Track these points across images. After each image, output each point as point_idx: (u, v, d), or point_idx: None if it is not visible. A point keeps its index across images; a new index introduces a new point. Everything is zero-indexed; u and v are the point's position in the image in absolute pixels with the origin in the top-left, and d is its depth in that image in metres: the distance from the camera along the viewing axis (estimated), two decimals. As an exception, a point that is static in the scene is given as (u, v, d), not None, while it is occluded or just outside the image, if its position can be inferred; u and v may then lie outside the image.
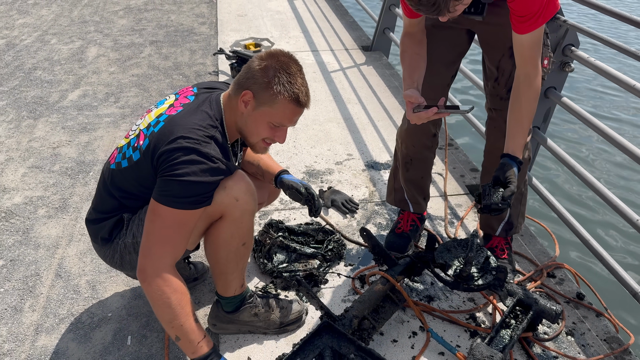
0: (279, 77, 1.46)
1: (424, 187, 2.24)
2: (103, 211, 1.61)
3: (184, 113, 1.49)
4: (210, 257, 1.65)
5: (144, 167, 1.48)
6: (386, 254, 1.93)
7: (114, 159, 1.59)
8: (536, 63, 1.64)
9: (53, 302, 2.01)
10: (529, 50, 1.61)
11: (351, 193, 2.64)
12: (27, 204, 2.56)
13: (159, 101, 1.65)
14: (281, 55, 1.51)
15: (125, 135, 1.65)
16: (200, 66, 4.28)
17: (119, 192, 1.56)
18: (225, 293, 1.73)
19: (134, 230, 1.58)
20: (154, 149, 1.44)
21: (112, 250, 1.63)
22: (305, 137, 3.17)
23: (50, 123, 3.33)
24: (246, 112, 1.51)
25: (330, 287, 2.05)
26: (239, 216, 1.55)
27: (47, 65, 4.26)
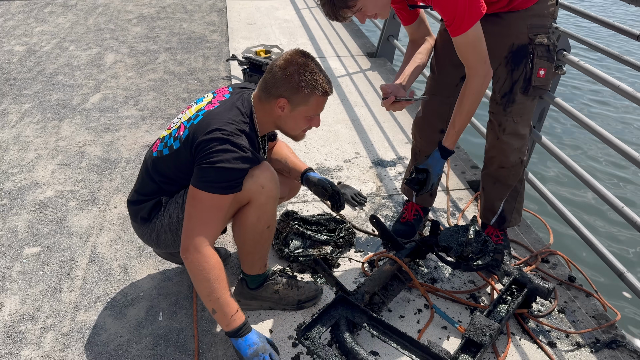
0: (304, 80, 1.64)
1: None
2: (144, 194, 1.81)
3: (220, 109, 1.69)
4: (238, 239, 1.84)
5: (183, 155, 1.68)
6: (394, 238, 2.12)
7: (156, 147, 1.80)
8: (472, 65, 1.78)
9: (89, 284, 2.20)
10: (463, 52, 1.77)
11: (359, 188, 2.83)
12: (58, 197, 2.76)
13: (198, 98, 1.85)
14: (297, 57, 1.67)
15: (167, 127, 1.85)
16: (213, 71, 4.49)
17: (160, 176, 1.76)
18: (250, 271, 1.92)
19: (170, 211, 1.77)
20: (192, 139, 1.64)
21: (149, 229, 1.82)
22: (315, 137, 3.37)
23: (75, 124, 3.54)
24: (284, 114, 1.71)
25: (342, 271, 2.24)
26: (264, 202, 1.73)
27: (67, 70, 4.47)
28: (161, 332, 1.97)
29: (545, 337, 1.94)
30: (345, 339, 1.64)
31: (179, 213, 1.74)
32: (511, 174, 2.15)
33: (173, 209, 1.76)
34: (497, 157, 2.12)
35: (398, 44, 4.67)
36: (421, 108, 2.23)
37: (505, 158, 2.10)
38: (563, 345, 1.91)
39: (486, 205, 2.31)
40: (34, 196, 2.75)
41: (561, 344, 1.92)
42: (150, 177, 1.79)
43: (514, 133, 2.04)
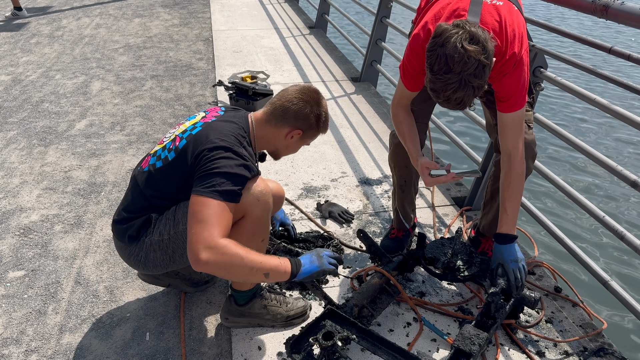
0: (322, 121, 1.85)
1: (414, 201, 2.42)
2: (133, 211, 1.79)
3: (218, 122, 1.75)
4: None
5: (180, 165, 1.69)
6: (381, 252, 2.14)
7: (147, 163, 1.80)
8: (514, 144, 1.79)
9: (74, 306, 2.17)
10: (510, 130, 1.79)
11: (347, 206, 2.85)
12: (43, 221, 2.74)
13: (190, 116, 1.88)
14: (321, 98, 1.84)
15: (158, 142, 1.86)
16: (200, 97, 4.54)
17: (152, 191, 1.76)
18: (240, 287, 1.92)
19: (160, 228, 1.75)
20: (193, 148, 1.66)
21: (137, 249, 1.80)
22: (301, 158, 3.40)
23: (61, 150, 3.53)
24: (290, 141, 1.85)
25: (331, 286, 2.23)
26: (259, 214, 1.74)
27: (53, 98, 4.48)
28: (148, 352, 1.94)
29: (534, 347, 1.94)
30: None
31: (170, 229, 1.74)
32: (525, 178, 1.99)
33: (164, 226, 1.75)
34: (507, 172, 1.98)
35: (381, 68, 4.78)
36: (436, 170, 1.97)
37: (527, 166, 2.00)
38: (552, 354, 1.92)
39: (493, 219, 2.20)
40: (18, 221, 2.73)
41: (550, 353, 1.92)
42: (141, 193, 1.78)
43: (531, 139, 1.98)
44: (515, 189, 1.86)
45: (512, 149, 1.82)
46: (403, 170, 2.26)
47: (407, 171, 2.25)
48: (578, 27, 11.20)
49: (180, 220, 1.72)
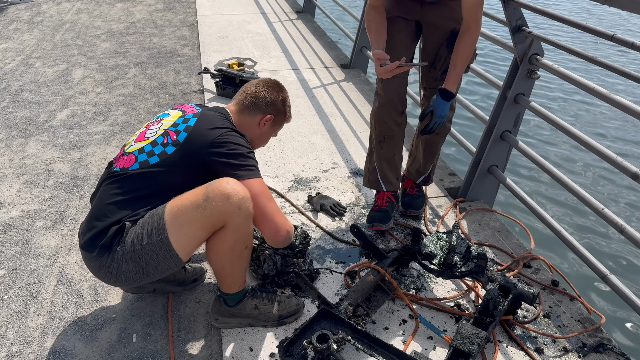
0: (288, 106, 2.03)
1: (396, 165, 2.47)
2: (105, 217, 1.65)
3: (208, 113, 1.77)
4: (215, 264, 1.75)
5: (184, 156, 1.67)
6: (375, 247, 2.07)
7: (130, 162, 1.70)
8: (478, 18, 2.04)
9: (57, 307, 2.08)
10: (473, 10, 2.01)
11: (338, 198, 2.78)
12: (24, 217, 2.63)
13: (162, 114, 1.81)
14: (282, 86, 2.03)
15: (136, 140, 1.76)
16: (185, 85, 4.41)
17: (134, 192, 1.66)
18: (229, 290, 1.84)
19: (132, 237, 1.62)
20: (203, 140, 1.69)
21: (109, 260, 1.64)
22: (291, 148, 3.31)
23: (42, 141, 3.41)
24: (262, 129, 1.96)
25: (323, 283, 2.17)
26: (240, 223, 1.65)
27: (33, 87, 4.33)
28: (135, 355, 1.87)
29: (532, 344, 1.90)
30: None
31: (143, 239, 1.62)
32: (441, 141, 2.49)
33: (136, 236, 1.63)
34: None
35: (371, 54, 4.68)
36: (382, 93, 2.31)
37: (442, 127, 2.34)
38: (550, 350, 1.88)
39: (417, 167, 2.60)
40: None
41: (548, 349, 1.88)
42: (116, 197, 1.67)
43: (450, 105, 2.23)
44: (467, 52, 2.08)
45: (472, 22, 2.04)
46: (383, 126, 2.36)
47: (387, 127, 2.35)
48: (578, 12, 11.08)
49: (153, 232, 1.62)
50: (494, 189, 2.80)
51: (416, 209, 2.60)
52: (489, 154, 2.67)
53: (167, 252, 1.64)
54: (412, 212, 2.60)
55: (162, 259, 1.65)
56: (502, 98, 2.60)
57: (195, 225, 1.61)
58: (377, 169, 2.45)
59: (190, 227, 1.62)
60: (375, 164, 2.44)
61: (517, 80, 2.51)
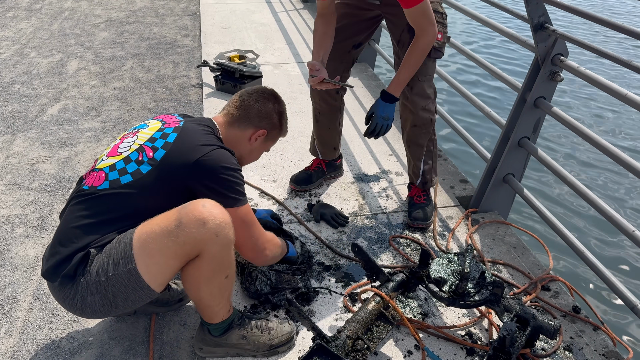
0: (286, 120, 1.84)
1: (332, 136, 2.65)
2: (70, 243, 1.46)
3: (190, 127, 1.57)
4: (193, 295, 1.56)
5: (161, 178, 1.48)
6: (378, 269, 1.87)
7: (100, 180, 1.50)
8: (422, 27, 1.99)
9: (31, 327, 1.91)
10: (415, 19, 1.98)
11: (340, 206, 2.58)
12: (3, 223, 2.46)
13: (141, 124, 1.62)
14: (279, 97, 1.83)
15: (108, 154, 1.56)
16: (184, 79, 4.21)
17: (106, 214, 1.47)
18: (212, 320, 1.65)
19: (97, 266, 1.43)
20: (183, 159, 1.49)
21: (73, 291, 1.45)
22: (292, 149, 3.11)
23: (29, 138, 3.23)
24: (254, 145, 1.76)
25: (322, 305, 1.98)
26: (218, 252, 1.45)
27: (25, 79, 4.15)
28: (111, 386, 1.69)
29: (552, 381, 1.70)
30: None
31: (109, 270, 1.42)
32: (422, 133, 2.35)
33: (101, 265, 1.42)
34: (409, 117, 2.32)
35: (379, 48, 4.45)
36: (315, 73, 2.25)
37: (415, 116, 2.29)
38: (572, 390, 1.68)
39: (412, 168, 2.51)
40: (-25, 222, 2.45)
41: (570, 389, 1.69)
42: (83, 220, 1.47)
43: (420, 92, 2.24)
44: (414, 60, 2.07)
45: (420, 32, 2.01)
46: (317, 103, 2.54)
47: (320, 105, 2.53)
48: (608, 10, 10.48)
49: (120, 261, 1.41)
50: (509, 200, 2.59)
51: (423, 221, 2.40)
52: (505, 162, 2.46)
53: (137, 283, 1.43)
54: (419, 224, 2.40)
55: (131, 290, 1.45)
56: (520, 101, 2.38)
57: (167, 254, 1.40)
58: (314, 139, 2.69)
59: (161, 257, 1.41)
60: (314, 135, 2.68)
61: (537, 82, 2.29)
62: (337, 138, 2.68)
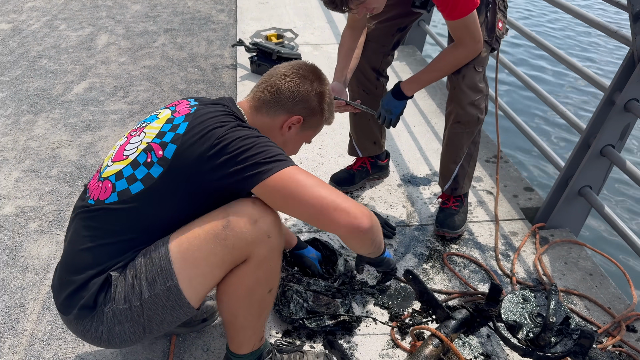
0: (329, 104, 1.45)
1: (371, 130, 2.34)
2: (84, 268, 1.22)
3: (203, 110, 1.26)
4: (227, 312, 1.32)
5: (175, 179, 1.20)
6: (437, 303, 1.58)
7: (106, 192, 1.24)
8: (465, 42, 1.78)
9: (37, 342, 1.70)
10: (457, 32, 1.78)
11: (386, 214, 2.28)
12: (18, 216, 2.25)
13: (151, 116, 1.34)
14: (320, 75, 1.44)
15: (114, 158, 1.29)
16: (217, 58, 3.93)
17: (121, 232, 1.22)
18: (239, 350, 1.41)
19: (125, 291, 1.20)
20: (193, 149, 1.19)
21: (96, 322, 1.23)
22: (332, 143, 2.81)
23: (52, 119, 3.02)
24: (288, 134, 1.42)
25: (365, 335, 1.71)
26: (266, 256, 1.24)
27: (53, 53, 3.94)
28: None
29: None
30: None
31: (142, 292, 1.20)
32: (465, 132, 2.03)
33: (130, 288, 1.20)
34: (453, 111, 2.00)
35: (430, 29, 4.05)
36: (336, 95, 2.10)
37: (460, 110, 1.97)
38: None
39: (441, 170, 2.19)
40: (-12, 213, 2.26)
41: None
42: (93, 241, 1.23)
43: (473, 83, 1.92)
44: (442, 66, 1.88)
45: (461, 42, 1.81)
46: (354, 92, 2.23)
47: (358, 93, 2.22)
48: None
49: (156, 279, 1.19)
50: (583, 216, 2.24)
51: (451, 229, 2.10)
52: (582, 172, 2.11)
53: (177, 302, 1.22)
54: (446, 233, 2.11)
55: (169, 311, 1.24)
56: (607, 103, 2.02)
57: (213, 263, 1.20)
58: (352, 136, 2.41)
59: (207, 266, 1.21)
60: (351, 129, 2.39)
61: (631, 82, 1.93)
62: (378, 131, 2.36)
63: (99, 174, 1.29)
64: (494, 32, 1.89)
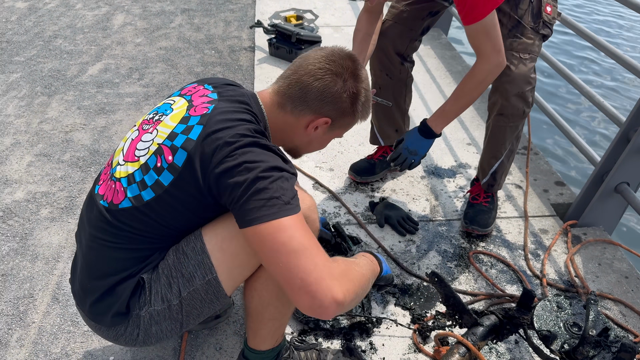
0: (361, 103, 1.25)
1: (394, 117, 2.21)
2: (111, 273, 1.16)
3: (219, 113, 1.11)
4: (257, 303, 1.26)
5: (187, 187, 1.09)
6: (464, 308, 1.48)
7: (119, 196, 1.14)
8: (485, 53, 1.62)
9: (45, 335, 1.64)
10: (475, 40, 1.62)
11: (408, 207, 2.18)
12: (29, 202, 2.20)
13: (162, 105, 1.22)
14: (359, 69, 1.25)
15: (125, 156, 1.19)
16: (235, 40, 3.82)
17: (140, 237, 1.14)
18: (260, 346, 1.34)
19: (161, 293, 1.16)
20: (203, 162, 1.06)
21: (131, 327, 1.19)
22: (352, 131, 2.70)
23: (66, 102, 2.95)
24: (314, 134, 1.27)
25: (385, 338, 1.62)
26: None
27: (69, 33, 3.87)
28: None
29: None
30: None
31: (181, 290, 1.16)
32: (509, 126, 1.87)
33: (166, 288, 1.16)
34: (497, 102, 1.82)
35: (455, 10, 3.88)
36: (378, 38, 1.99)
37: (506, 102, 1.79)
38: None
39: (481, 162, 2.05)
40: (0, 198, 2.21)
41: None
42: (113, 245, 1.15)
43: (523, 73, 1.73)
44: (467, 91, 1.70)
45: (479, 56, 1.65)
46: (377, 75, 2.10)
47: (380, 77, 2.09)
48: None
49: (194, 275, 1.16)
50: (619, 214, 2.11)
51: (482, 227, 1.99)
52: (620, 168, 1.97)
53: (215, 294, 1.20)
54: (475, 230, 1.99)
55: (207, 304, 1.21)
56: (652, 94, 1.87)
57: (251, 251, 1.16)
58: (373, 123, 2.28)
59: (245, 255, 1.17)
60: (372, 116, 2.25)
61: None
62: (400, 119, 2.23)
63: (110, 169, 1.20)
64: (540, 18, 1.75)
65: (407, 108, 2.23)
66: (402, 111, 2.21)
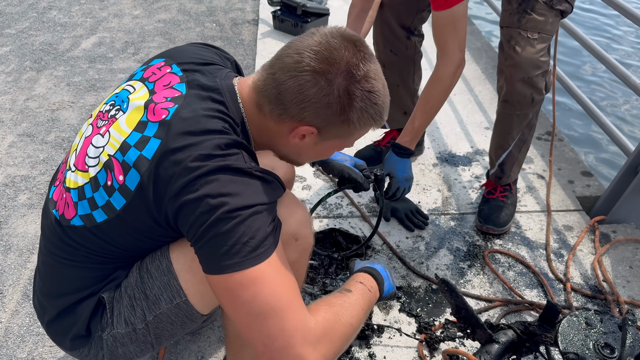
0: (362, 111, 0.94)
1: (401, 98, 1.99)
2: (69, 292, 1.01)
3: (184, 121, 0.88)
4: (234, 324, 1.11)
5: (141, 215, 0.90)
6: (477, 322, 1.29)
7: (69, 210, 0.96)
8: (449, 48, 1.50)
9: (12, 338, 1.49)
10: (442, 31, 1.50)
11: (417, 199, 1.98)
12: (7, 186, 2.04)
13: (121, 93, 1.01)
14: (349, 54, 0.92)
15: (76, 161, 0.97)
16: (238, 12, 3.59)
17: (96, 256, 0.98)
18: None
19: (124, 315, 1.01)
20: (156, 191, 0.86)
21: (95, 348, 1.04)
22: (359, 112, 2.49)
23: (55, 77, 2.78)
24: (302, 144, 0.99)
25: (387, 348, 1.44)
26: (295, 259, 1.04)
27: (64, 4, 3.67)
28: None
29: None
30: None
31: (145, 313, 1.01)
32: (515, 114, 1.67)
33: (129, 310, 1.02)
34: (502, 87, 1.65)
35: (475, -16, 3.61)
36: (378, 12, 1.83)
37: (510, 87, 1.60)
38: None
39: (489, 152, 1.88)
40: (-25, 182, 2.05)
41: None
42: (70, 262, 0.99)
43: (528, 55, 1.54)
44: (434, 98, 1.57)
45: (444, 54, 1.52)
46: (380, 51, 1.91)
47: (385, 53, 1.90)
48: None
49: (161, 297, 1.01)
50: (654, 209, 1.89)
51: (497, 226, 1.79)
52: (658, 159, 1.75)
53: (188, 317, 1.06)
54: (490, 230, 1.79)
55: (179, 326, 1.07)
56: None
57: None
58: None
59: None
60: None
61: None
62: (409, 100, 2.01)
63: (65, 167, 1.01)
64: None
65: (416, 88, 2.01)
66: (411, 92, 1.99)
